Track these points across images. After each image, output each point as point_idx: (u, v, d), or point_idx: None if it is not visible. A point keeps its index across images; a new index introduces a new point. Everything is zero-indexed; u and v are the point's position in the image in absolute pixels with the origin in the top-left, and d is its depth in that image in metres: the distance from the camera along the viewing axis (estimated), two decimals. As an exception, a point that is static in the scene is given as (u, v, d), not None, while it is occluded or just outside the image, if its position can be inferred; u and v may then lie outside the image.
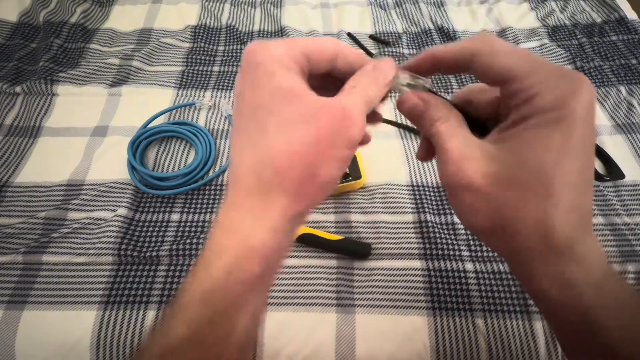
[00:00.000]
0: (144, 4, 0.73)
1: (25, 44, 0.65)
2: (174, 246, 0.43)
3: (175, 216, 0.46)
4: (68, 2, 0.71)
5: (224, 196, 0.46)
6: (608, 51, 0.66)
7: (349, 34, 0.69)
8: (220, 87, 0.60)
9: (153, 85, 0.59)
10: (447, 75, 0.23)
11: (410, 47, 0.68)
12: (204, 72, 0.62)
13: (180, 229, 0.45)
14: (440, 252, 0.43)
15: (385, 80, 0.22)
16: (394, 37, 0.69)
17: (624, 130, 0.55)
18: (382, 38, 0.69)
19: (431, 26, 0.71)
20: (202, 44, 0.66)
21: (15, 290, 0.40)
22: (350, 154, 0.21)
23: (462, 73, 0.24)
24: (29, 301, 0.40)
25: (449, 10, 0.75)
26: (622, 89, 0.59)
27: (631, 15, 0.71)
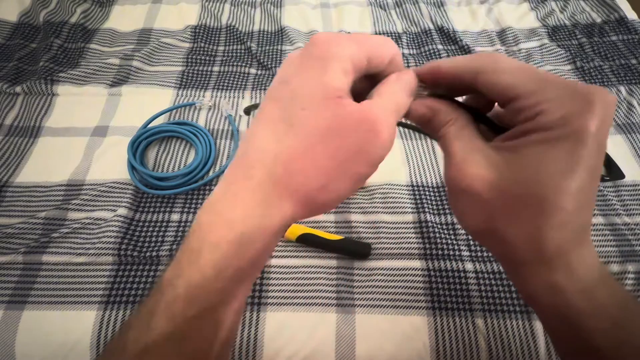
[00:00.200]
0: (144, 4, 0.73)
1: (25, 44, 0.65)
2: (174, 246, 0.43)
3: (175, 216, 0.46)
4: (68, 2, 0.71)
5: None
6: (608, 51, 0.66)
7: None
8: (220, 87, 0.60)
9: (153, 85, 0.59)
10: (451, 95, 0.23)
11: (410, 47, 0.68)
12: (204, 72, 0.62)
13: (181, 229, 0.45)
14: (440, 252, 0.43)
15: (411, 90, 0.22)
16: (394, 37, 0.69)
17: (624, 130, 0.54)
18: (382, 38, 0.69)
19: (431, 26, 0.71)
20: (202, 44, 0.66)
21: (16, 290, 0.40)
22: (370, 172, 0.20)
23: (467, 94, 0.24)
24: (29, 301, 0.40)
25: (449, 10, 0.75)
26: (622, 89, 0.59)
27: (631, 15, 0.71)
